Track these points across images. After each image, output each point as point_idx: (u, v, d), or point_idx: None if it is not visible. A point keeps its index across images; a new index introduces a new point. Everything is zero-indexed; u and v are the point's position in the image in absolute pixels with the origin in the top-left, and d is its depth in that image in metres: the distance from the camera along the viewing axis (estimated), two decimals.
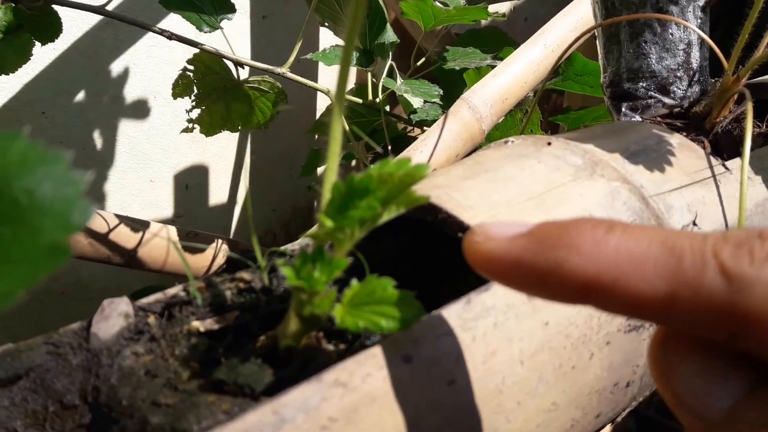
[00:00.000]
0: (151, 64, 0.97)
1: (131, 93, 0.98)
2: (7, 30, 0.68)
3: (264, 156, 1.18)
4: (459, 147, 0.56)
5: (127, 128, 0.99)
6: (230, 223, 1.19)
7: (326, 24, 0.71)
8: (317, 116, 1.22)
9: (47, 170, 0.14)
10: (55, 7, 0.64)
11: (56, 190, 0.15)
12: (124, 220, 0.77)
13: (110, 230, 0.76)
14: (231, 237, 1.20)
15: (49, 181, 0.14)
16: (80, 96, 0.94)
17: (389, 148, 0.67)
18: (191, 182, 1.09)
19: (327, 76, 1.14)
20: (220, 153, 1.11)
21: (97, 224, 0.75)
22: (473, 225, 0.25)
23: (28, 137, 0.14)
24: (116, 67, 0.95)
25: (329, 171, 0.24)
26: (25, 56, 0.69)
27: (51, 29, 0.64)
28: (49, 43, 0.65)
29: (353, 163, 0.97)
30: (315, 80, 0.97)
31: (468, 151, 0.58)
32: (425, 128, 0.69)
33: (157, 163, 1.04)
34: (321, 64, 1.11)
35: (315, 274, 0.23)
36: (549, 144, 0.36)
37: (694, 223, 0.36)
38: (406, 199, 0.23)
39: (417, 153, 0.54)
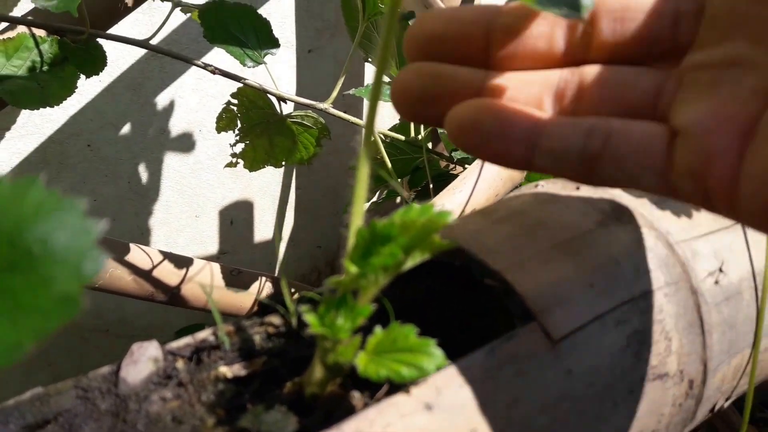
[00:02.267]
0: (197, 98, 1.02)
1: (176, 126, 1.02)
2: (53, 62, 0.73)
3: (309, 192, 1.21)
4: (498, 187, 0.57)
5: (172, 162, 1.04)
6: (275, 260, 1.21)
7: (370, 59, 0.73)
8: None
9: (62, 219, 0.16)
10: (101, 40, 0.69)
11: (70, 239, 0.16)
12: (168, 256, 0.80)
13: (154, 267, 0.79)
14: (276, 273, 1.23)
15: (64, 231, 0.16)
16: (126, 129, 0.99)
17: (431, 186, 0.68)
18: (236, 218, 1.12)
19: None
20: (264, 189, 1.15)
21: (142, 261, 0.78)
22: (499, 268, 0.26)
23: (44, 184, 0.16)
24: (162, 100, 1.00)
25: (355, 215, 0.26)
26: (70, 89, 0.73)
27: (96, 62, 0.69)
28: (95, 76, 0.70)
29: (398, 200, 0.98)
30: (359, 116, 1.00)
31: (507, 191, 0.59)
32: (466, 166, 0.70)
33: (202, 198, 1.08)
34: (365, 100, 1.14)
35: (338, 321, 0.24)
36: (578, 188, 0.37)
37: (720, 270, 0.37)
38: (429, 245, 0.24)
39: (456, 192, 0.55)
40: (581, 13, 0.22)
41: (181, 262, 0.82)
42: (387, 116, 1.15)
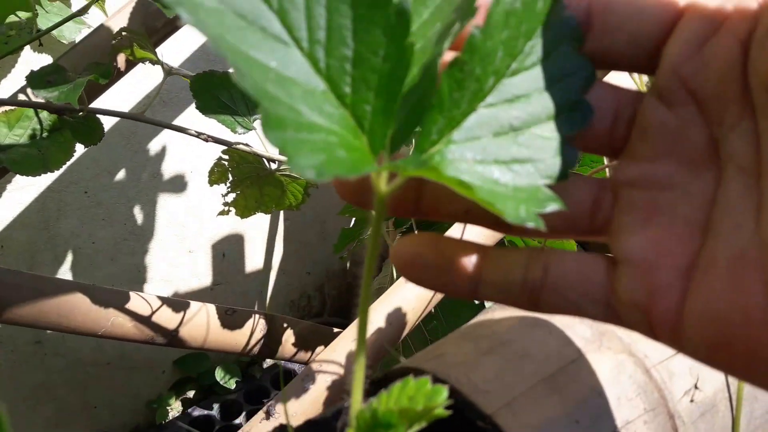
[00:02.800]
0: (186, 142, 1.06)
1: (168, 170, 1.06)
2: (52, 129, 0.77)
3: (296, 223, 1.26)
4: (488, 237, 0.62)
5: (165, 202, 1.08)
6: (266, 289, 1.26)
7: None
8: None
9: None
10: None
11: None
12: (165, 301, 0.85)
13: (153, 312, 0.83)
14: (267, 301, 1.27)
15: None
16: (120, 175, 1.03)
17: (414, 226, 0.73)
18: (228, 251, 1.17)
19: None
20: (254, 222, 1.19)
21: (141, 307, 0.83)
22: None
23: None
24: (153, 147, 1.04)
25: (354, 401, 0.27)
26: (68, 153, 0.77)
27: (93, 133, 0.73)
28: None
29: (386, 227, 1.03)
30: None
31: (495, 242, 0.63)
32: None
33: (195, 234, 1.12)
34: None
35: None
36: None
37: (696, 387, 0.38)
38: (428, 417, 0.26)
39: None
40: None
41: (179, 305, 0.86)
42: None
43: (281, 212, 1.22)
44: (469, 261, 0.25)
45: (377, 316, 0.58)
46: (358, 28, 0.20)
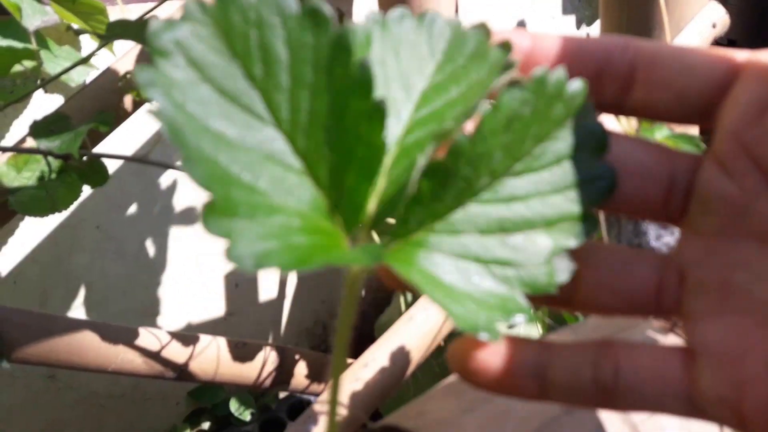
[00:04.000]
0: None
1: (179, 202, 1.06)
2: (60, 170, 0.77)
3: None
4: None
5: (177, 234, 1.07)
6: (280, 318, 1.25)
7: None
8: None
9: None
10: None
11: None
12: (175, 336, 0.84)
13: (162, 347, 0.82)
14: (282, 330, 1.26)
15: None
16: (132, 209, 1.03)
17: None
18: (241, 281, 1.16)
19: None
20: None
21: (150, 343, 0.82)
22: None
23: None
24: (164, 181, 1.04)
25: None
26: (76, 193, 0.77)
27: (99, 176, 0.73)
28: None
29: None
30: None
31: None
32: None
33: (207, 265, 1.11)
34: None
35: None
36: None
37: None
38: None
39: None
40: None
41: (188, 339, 0.85)
42: None
43: None
44: (533, 361, 0.22)
45: (381, 354, 0.56)
46: (338, 114, 0.20)
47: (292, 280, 1.24)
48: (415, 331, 0.57)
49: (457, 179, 0.21)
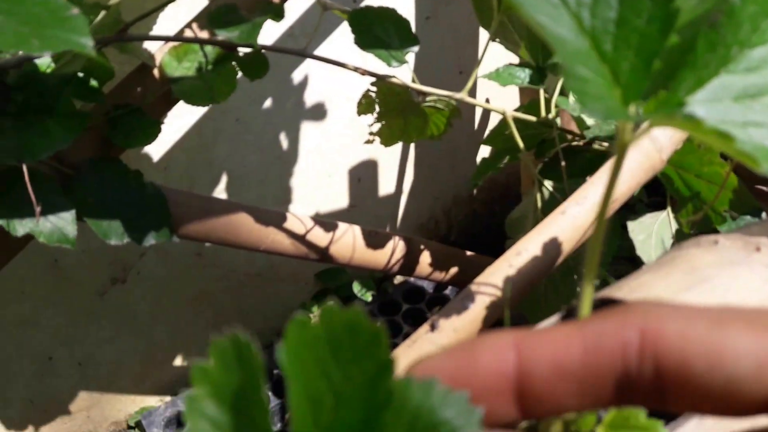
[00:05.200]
0: (326, 70, 1.08)
1: (310, 98, 1.09)
2: (215, 61, 0.81)
3: (427, 149, 1.27)
4: (641, 177, 0.60)
5: (307, 129, 1.12)
6: (397, 212, 1.30)
7: (508, 48, 0.77)
8: (478, 114, 1.29)
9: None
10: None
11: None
12: (317, 222, 0.90)
13: (307, 232, 0.88)
14: (398, 223, 1.31)
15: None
16: (267, 103, 1.07)
17: (563, 162, 0.72)
18: (363, 176, 1.20)
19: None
20: (388, 149, 1.21)
21: (296, 227, 0.88)
22: None
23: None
24: (296, 77, 1.07)
25: (584, 308, 0.28)
26: (232, 85, 0.81)
27: (259, 68, 0.76)
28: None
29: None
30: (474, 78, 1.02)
31: (648, 181, 0.62)
32: (598, 143, 0.73)
33: (333, 160, 1.16)
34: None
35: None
36: (758, 250, 0.38)
37: None
38: None
39: (599, 182, 0.60)
40: None
41: (328, 226, 0.91)
42: (510, 97, 1.18)
43: None
44: None
45: (533, 244, 0.59)
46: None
47: (409, 177, 1.28)
48: (567, 224, 0.59)
49: (721, 45, 0.23)
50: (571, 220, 0.59)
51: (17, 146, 0.62)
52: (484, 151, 1.35)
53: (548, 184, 0.73)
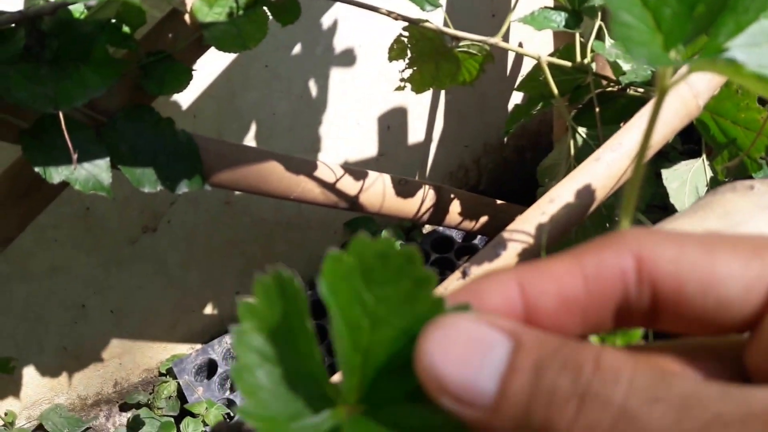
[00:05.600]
0: (356, 15, 1.07)
1: (340, 44, 1.09)
2: (247, 6, 0.81)
3: (458, 96, 1.26)
4: (676, 124, 0.60)
5: (336, 76, 1.12)
6: (426, 161, 1.30)
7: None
8: (510, 60, 1.27)
9: None
10: None
11: None
12: (347, 171, 0.90)
13: (337, 180, 0.90)
14: (427, 172, 1.32)
15: None
16: (297, 49, 1.07)
17: (597, 108, 0.72)
18: (392, 123, 1.20)
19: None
20: (417, 96, 1.21)
21: (327, 175, 0.89)
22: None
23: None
24: (326, 21, 1.07)
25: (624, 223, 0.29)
26: (263, 32, 0.81)
27: (291, 14, 0.76)
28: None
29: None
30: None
31: (683, 127, 0.62)
32: (633, 89, 0.72)
33: (363, 107, 1.16)
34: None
35: None
36: None
37: None
38: None
39: (634, 129, 0.59)
40: None
41: (358, 174, 0.92)
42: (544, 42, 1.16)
43: None
44: None
45: (566, 191, 0.59)
46: None
47: (439, 124, 1.27)
48: (601, 171, 0.59)
49: None
50: (606, 167, 0.59)
51: (54, 94, 0.63)
52: (516, 98, 1.34)
53: (582, 131, 0.73)
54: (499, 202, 1.06)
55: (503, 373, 0.16)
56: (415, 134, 1.25)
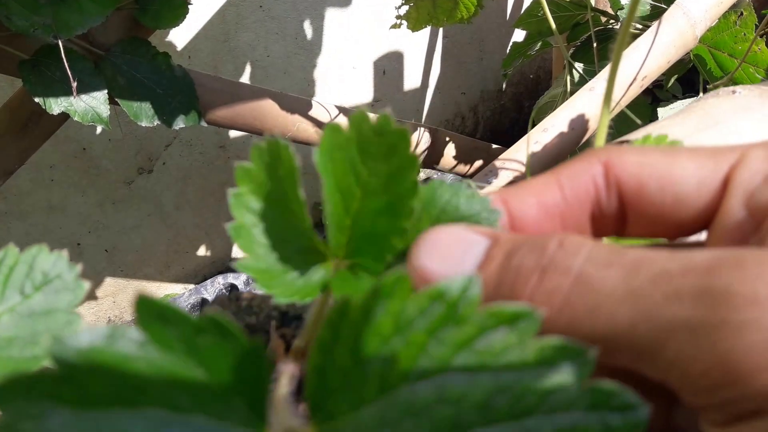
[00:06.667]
0: None
1: None
2: None
3: (456, 41, 1.28)
4: (671, 54, 0.62)
5: (332, 17, 1.13)
6: (422, 107, 1.32)
7: None
8: (510, 4, 1.29)
9: None
10: None
11: None
12: (342, 110, 0.93)
13: (332, 119, 0.92)
14: (423, 119, 1.34)
15: None
16: None
17: (594, 44, 0.74)
18: (388, 68, 1.23)
19: None
20: (414, 39, 1.23)
21: (322, 115, 0.92)
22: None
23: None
24: None
25: (599, 139, 0.32)
26: None
27: None
28: None
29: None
30: None
31: (679, 58, 0.64)
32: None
33: (358, 50, 1.18)
34: None
35: None
36: None
37: None
38: None
39: (629, 59, 0.62)
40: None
41: None
42: None
43: (440, 30, 1.25)
44: None
45: (560, 120, 0.62)
46: None
47: (436, 70, 1.30)
48: (595, 100, 0.62)
49: None
50: (599, 97, 0.62)
51: (52, 22, 0.66)
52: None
53: (579, 66, 0.75)
54: (494, 146, 1.09)
55: (480, 261, 0.19)
56: (412, 80, 1.27)
